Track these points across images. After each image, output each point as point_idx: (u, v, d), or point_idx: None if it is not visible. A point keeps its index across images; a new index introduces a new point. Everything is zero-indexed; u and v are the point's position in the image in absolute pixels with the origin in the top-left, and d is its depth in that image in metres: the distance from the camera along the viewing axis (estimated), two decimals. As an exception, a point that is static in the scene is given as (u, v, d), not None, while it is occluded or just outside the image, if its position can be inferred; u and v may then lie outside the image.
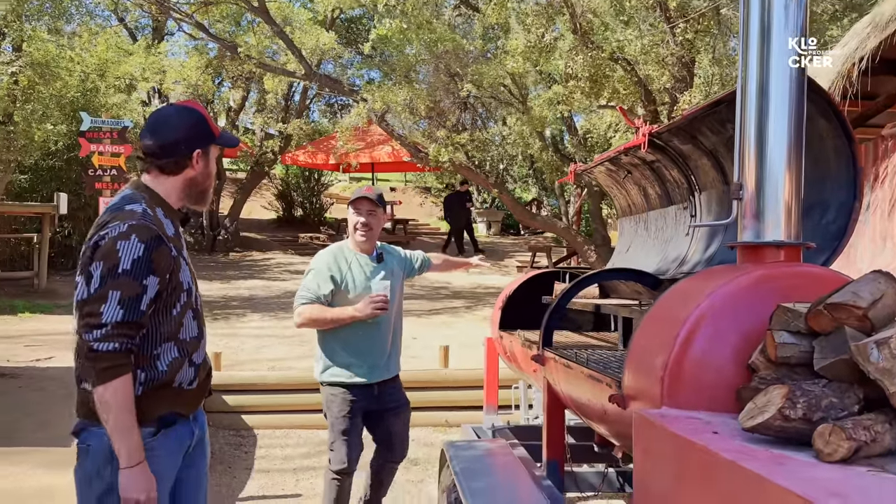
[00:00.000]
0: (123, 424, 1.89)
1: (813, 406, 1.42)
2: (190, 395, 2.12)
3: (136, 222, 1.94)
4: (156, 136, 2.08)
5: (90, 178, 10.91)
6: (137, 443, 1.92)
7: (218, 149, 2.20)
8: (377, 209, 3.48)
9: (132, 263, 1.90)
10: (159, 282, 1.96)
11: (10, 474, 4.53)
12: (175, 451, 2.09)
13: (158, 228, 1.98)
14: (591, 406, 2.52)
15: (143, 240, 1.92)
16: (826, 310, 1.50)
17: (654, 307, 2.06)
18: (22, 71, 8.99)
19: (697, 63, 9.68)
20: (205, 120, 2.12)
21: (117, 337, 1.89)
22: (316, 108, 23.98)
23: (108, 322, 1.87)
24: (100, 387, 1.88)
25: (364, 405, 3.41)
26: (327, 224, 20.62)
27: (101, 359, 1.87)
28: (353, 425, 3.39)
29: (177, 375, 2.06)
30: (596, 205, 13.24)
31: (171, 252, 2.00)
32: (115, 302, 1.88)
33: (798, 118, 1.95)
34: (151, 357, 2.01)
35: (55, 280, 12.48)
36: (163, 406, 2.04)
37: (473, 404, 5.79)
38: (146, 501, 1.93)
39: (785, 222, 1.95)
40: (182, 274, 2.05)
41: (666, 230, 3.66)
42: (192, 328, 2.11)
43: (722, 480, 1.36)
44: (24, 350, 7.99)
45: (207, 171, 2.14)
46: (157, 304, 1.99)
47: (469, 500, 2.27)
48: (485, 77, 10.75)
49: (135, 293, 1.90)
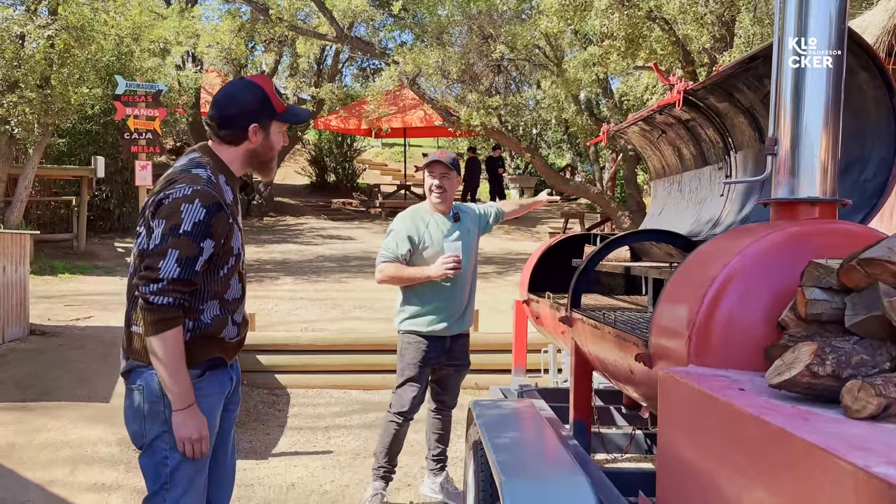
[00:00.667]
0: (175, 371, 2.03)
1: (843, 363, 1.39)
2: (231, 347, 2.26)
3: (200, 188, 2.04)
4: (218, 107, 2.18)
5: (126, 142, 11.05)
6: (188, 387, 2.06)
7: (281, 124, 2.24)
8: (450, 172, 3.66)
9: (193, 226, 2.01)
10: (214, 245, 2.07)
11: (53, 427, 4.69)
12: (219, 393, 2.23)
13: (219, 195, 2.09)
14: (618, 366, 2.50)
15: (205, 205, 2.02)
16: (859, 265, 1.45)
17: (683, 265, 2.02)
18: (58, 34, 9.07)
19: (738, 22, 9.37)
20: (266, 96, 2.17)
21: (171, 292, 2.00)
22: (348, 73, 23.87)
23: (165, 278, 1.99)
24: (153, 337, 2.01)
25: (435, 356, 3.64)
26: (360, 190, 20.69)
27: (156, 311, 2.00)
28: (422, 373, 3.63)
29: (222, 331, 2.19)
30: (630, 170, 13.02)
31: (228, 219, 2.11)
32: (172, 260, 1.99)
33: (836, 71, 1.88)
34: (197, 311, 2.13)
35: (93, 242, 12.76)
36: (209, 352, 2.16)
37: (503, 367, 5.82)
38: (198, 439, 2.08)
39: (820, 178, 1.89)
40: (234, 240, 2.17)
41: (700, 191, 3.59)
42: (236, 289, 2.24)
43: (745, 436, 1.34)
44: (63, 310, 8.21)
45: (268, 143, 2.21)
46: (209, 265, 2.10)
47: (493, 454, 2.29)
48: (518, 38, 10.55)
49: (192, 254, 2.01)
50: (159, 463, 2.11)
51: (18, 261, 6.77)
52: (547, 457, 2.42)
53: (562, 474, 2.17)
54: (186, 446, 2.08)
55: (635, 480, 2.68)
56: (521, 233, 16.33)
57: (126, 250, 12.75)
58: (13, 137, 9.56)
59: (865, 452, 1.07)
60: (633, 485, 2.57)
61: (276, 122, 2.20)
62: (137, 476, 4.01)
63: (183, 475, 2.11)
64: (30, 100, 9.06)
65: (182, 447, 2.08)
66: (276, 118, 2.20)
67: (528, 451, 2.52)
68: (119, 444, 4.47)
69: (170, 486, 2.11)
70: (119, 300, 8.89)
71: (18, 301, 6.77)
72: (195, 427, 2.08)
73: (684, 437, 1.64)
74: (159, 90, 11.20)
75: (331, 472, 4.24)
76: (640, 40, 8.89)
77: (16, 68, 9.00)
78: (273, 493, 3.89)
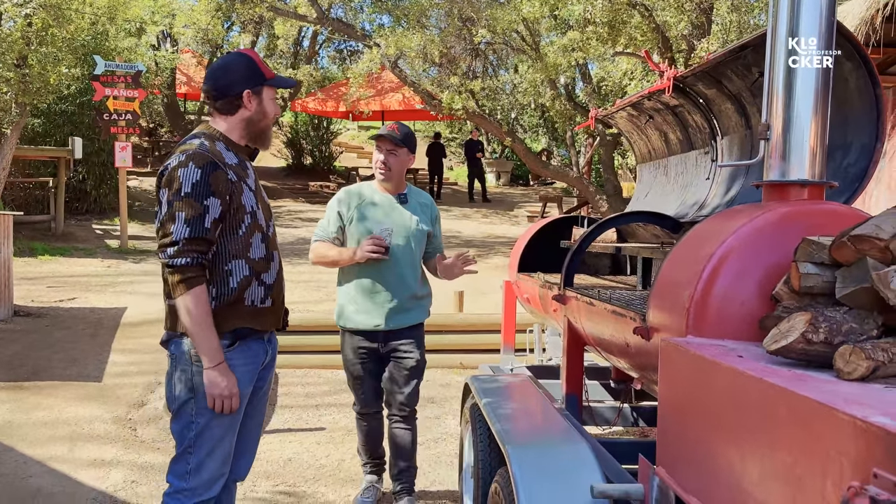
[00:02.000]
0: (202, 329, 2.12)
1: (834, 330, 1.52)
2: (265, 313, 2.31)
3: (191, 152, 2.15)
4: (211, 79, 2.28)
5: (105, 123, 10.97)
6: (216, 345, 2.15)
7: (273, 90, 2.33)
8: (398, 149, 3.27)
9: (192, 186, 2.11)
10: (221, 203, 2.16)
11: (48, 406, 4.73)
12: (250, 364, 2.28)
13: (215, 156, 2.17)
14: (614, 341, 2.63)
15: (199, 165, 2.12)
16: (849, 241, 1.59)
17: (680, 243, 2.15)
18: (35, 13, 8.94)
19: (716, 10, 9.55)
20: (254, 63, 2.29)
21: (188, 252, 2.11)
22: (325, 55, 23.72)
23: (179, 239, 2.10)
24: (178, 298, 2.12)
25: (370, 352, 3.32)
26: (337, 172, 20.65)
27: (177, 271, 2.11)
28: (365, 370, 3.35)
29: (245, 293, 2.24)
30: (608, 155, 13.21)
31: (227, 176, 2.18)
32: (181, 222, 2.10)
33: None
34: (223, 273, 2.21)
35: (70, 224, 12.63)
36: (237, 321, 2.23)
37: (487, 347, 5.96)
38: (229, 396, 2.17)
39: (810, 162, 2.02)
40: (244, 197, 2.24)
41: (686, 175, 3.73)
42: (259, 249, 2.29)
43: (746, 396, 1.47)
44: (46, 291, 8.17)
45: (262, 109, 2.30)
46: (224, 224, 2.19)
47: (497, 424, 2.41)
48: (499, 22, 10.63)
49: (197, 212, 2.11)
50: (185, 427, 2.21)
51: (1, 242, 6.74)
52: (549, 425, 2.55)
53: (564, 440, 2.30)
54: (217, 403, 2.16)
55: (627, 450, 2.82)
56: (500, 216, 16.47)
57: (104, 232, 12.64)
58: (-10, 117, 9.44)
59: (861, 406, 1.20)
60: (624, 454, 2.71)
61: (266, 87, 2.30)
62: (136, 452, 4.10)
63: (208, 438, 2.20)
64: (7, 79, 8.94)
65: (212, 403, 2.16)
66: (267, 83, 2.29)
67: (529, 421, 2.65)
68: (115, 422, 4.53)
69: (193, 449, 2.20)
70: (101, 282, 8.89)
71: (3, 282, 6.74)
72: (226, 384, 2.15)
73: (686, 400, 1.77)
74: (139, 71, 11.11)
75: (325, 448, 4.34)
76: (620, 26, 9.03)
77: (-8, 47, 8.87)
78: (272, 467, 3.99)
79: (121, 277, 9.26)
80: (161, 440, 4.28)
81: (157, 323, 6.81)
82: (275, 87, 2.34)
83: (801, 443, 1.28)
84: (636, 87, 10.69)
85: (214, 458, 2.23)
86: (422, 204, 3.41)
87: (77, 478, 3.71)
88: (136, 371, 5.59)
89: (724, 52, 2.80)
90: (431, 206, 3.47)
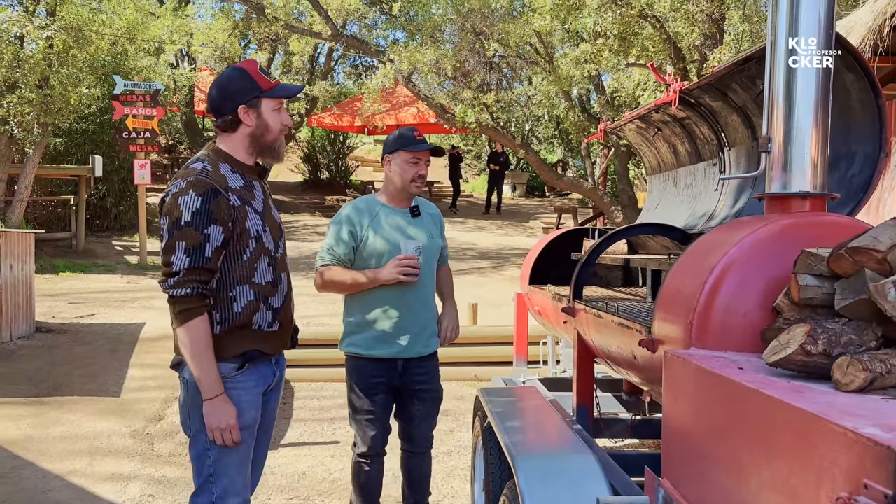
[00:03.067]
0: (201, 361, 2.08)
1: (833, 342, 1.53)
2: (272, 337, 2.26)
3: (192, 178, 2.10)
4: (210, 98, 2.23)
5: (125, 141, 11.16)
6: (215, 377, 2.10)
7: (275, 101, 2.21)
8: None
9: (192, 215, 2.06)
10: (223, 230, 2.11)
11: (67, 421, 4.81)
12: (257, 387, 2.24)
13: (217, 181, 2.11)
14: (622, 353, 2.64)
15: (199, 193, 2.07)
16: (847, 253, 1.60)
17: (684, 255, 2.16)
18: (57, 35, 9.14)
19: (727, 20, 9.55)
20: (248, 75, 2.18)
21: (188, 283, 2.07)
22: (340, 70, 23.95)
23: (179, 270, 2.07)
24: (178, 328, 2.09)
25: (386, 382, 2.97)
26: (353, 186, 20.78)
27: (177, 303, 2.08)
28: (376, 404, 2.96)
29: (253, 318, 2.19)
30: (622, 165, 13.20)
31: (229, 201, 2.12)
32: (182, 252, 2.06)
33: (825, 73, 2.02)
34: (227, 299, 2.16)
35: (91, 241, 12.82)
36: (244, 344, 2.18)
37: (501, 360, 5.97)
38: (226, 429, 2.11)
39: (811, 174, 2.03)
40: (249, 221, 2.17)
41: (695, 186, 3.74)
42: (266, 273, 2.23)
43: (745, 407, 1.48)
44: (67, 307, 8.30)
45: (262, 123, 2.20)
46: (227, 250, 2.14)
47: (505, 436, 2.42)
48: (511, 36, 10.70)
49: (198, 242, 2.07)
50: (202, 454, 2.17)
51: (24, 259, 6.87)
52: (556, 437, 2.56)
53: (571, 452, 2.31)
54: (216, 435, 2.11)
55: (637, 462, 2.82)
56: (515, 228, 16.48)
57: (124, 248, 12.82)
58: (13, 137, 9.63)
59: (855, 418, 1.21)
60: (635, 466, 2.71)
61: (264, 99, 2.19)
62: (153, 467, 4.15)
63: (227, 465, 2.16)
64: (29, 100, 9.13)
65: (212, 436, 2.12)
66: (263, 95, 2.18)
67: (537, 433, 2.66)
68: (133, 437, 4.59)
69: (214, 478, 2.16)
70: (120, 297, 9.01)
71: (25, 299, 6.86)
72: (223, 416, 2.10)
73: (688, 412, 1.78)
74: (157, 89, 11.30)
75: (339, 461, 4.37)
76: (632, 38, 9.05)
77: (16, 69, 9.07)
78: (286, 481, 4.02)
79: (140, 293, 9.39)
80: (178, 454, 4.34)
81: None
82: (275, 98, 2.21)
83: (797, 454, 1.29)
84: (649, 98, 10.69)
85: (236, 485, 2.19)
86: (432, 215, 3.13)
87: (95, 492, 3.77)
88: (153, 386, 5.67)
89: (729, 64, 2.82)
90: (439, 216, 3.22)
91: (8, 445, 4.34)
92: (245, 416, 2.18)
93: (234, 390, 2.16)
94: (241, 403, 2.17)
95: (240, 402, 2.17)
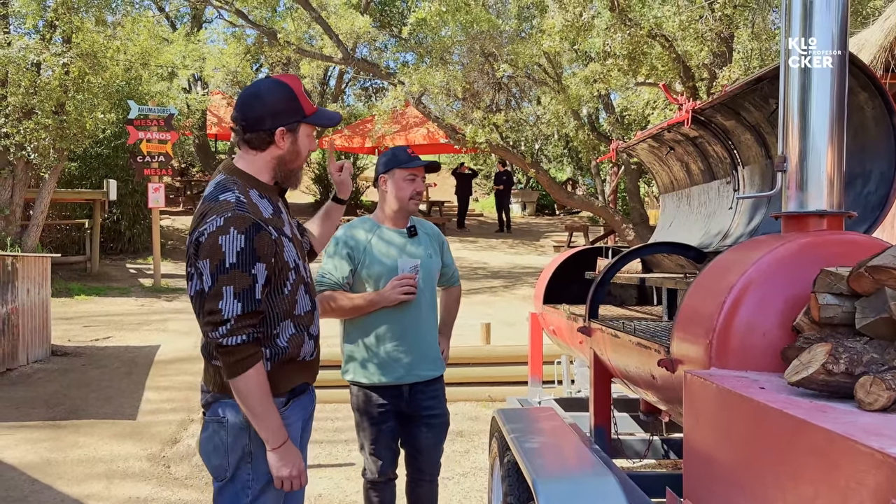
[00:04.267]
0: (264, 410, 1.93)
1: (855, 361, 1.53)
2: (314, 365, 2.17)
3: (231, 214, 1.90)
4: (242, 108, 2.01)
5: (139, 165, 11.29)
6: (279, 424, 1.96)
7: (310, 128, 2.06)
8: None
9: (237, 256, 1.88)
10: (266, 267, 1.94)
11: (84, 444, 4.83)
12: (299, 420, 2.13)
13: (255, 214, 1.94)
14: (640, 373, 2.64)
15: (241, 231, 1.89)
16: (867, 272, 1.60)
17: (701, 274, 2.17)
18: (73, 62, 9.29)
19: (736, 38, 9.59)
20: (294, 96, 2.01)
21: (242, 329, 1.89)
22: (351, 92, 24.18)
23: (230, 317, 1.88)
24: (236, 379, 1.91)
25: (392, 410, 2.91)
26: (364, 207, 20.86)
27: (232, 353, 1.89)
28: (382, 431, 2.91)
29: (300, 350, 2.07)
30: (633, 183, 13.21)
31: (271, 236, 1.96)
32: (230, 297, 1.88)
33: (840, 92, 2.03)
34: (272, 336, 2.02)
35: (105, 264, 12.92)
36: (294, 378, 2.08)
37: (515, 380, 5.95)
38: (298, 475, 1.99)
39: (827, 192, 2.03)
40: (286, 252, 2.03)
41: (709, 205, 3.74)
42: (305, 303, 2.10)
43: (768, 428, 1.48)
44: (82, 330, 8.35)
45: (295, 149, 2.04)
46: (269, 287, 1.98)
47: (524, 458, 2.42)
48: (520, 56, 10.78)
49: (247, 284, 1.90)
50: (240, 492, 2.01)
51: (40, 283, 6.93)
52: (575, 459, 2.55)
53: (591, 474, 2.30)
54: (286, 484, 1.98)
55: (657, 483, 2.81)
56: (526, 247, 16.49)
57: (138, 271, 12.91)
58: (29, 163, 9.76)
59: (880, 437, 1.21)
60: (654, 487, 2.70)
61: (304, 125, 2.03)
62: (170, 490, 4.15)
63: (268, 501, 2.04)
64: (46, 126, 9.27)
65: (280, 485, 1.98)
66: (305, 121, 2.03)
67: (556, 455, 2.66)
68: (149, 460, 4.60)
69: None
70: (135, 320, 9.06)
71: (41, 323, 6.92)
72: (293, 463, 1.98)
73: (710, 433, 1.78)
74: (171, 114, 11.44)
75: (355, 483, 4.36)
76: (641, 57, 9.10)
77: (32, 95, 9.21)
78: None
79: (154, 315, 9.44)
80: (194, 477, 4.34)
81: (189, 361, 6.93)
82: (314, 125, 2.06)
83: (822, 474, 1.29)
84: (659, 117, 10.73)
85: None
86: (429, 234, 3.07)
87: (113, 515, 3.78)
88: (169, 408, 5.69)
89: (742, 84, 2.84)
90: (438, 235, 3.15)
91: (26, 469, 4.36)
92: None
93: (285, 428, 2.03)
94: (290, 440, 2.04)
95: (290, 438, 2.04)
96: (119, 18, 11.51)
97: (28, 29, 10.02)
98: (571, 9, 8.73)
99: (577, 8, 8.69)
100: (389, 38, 16.08)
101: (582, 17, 8.76)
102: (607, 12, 9.11)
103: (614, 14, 8.94)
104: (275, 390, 1.98)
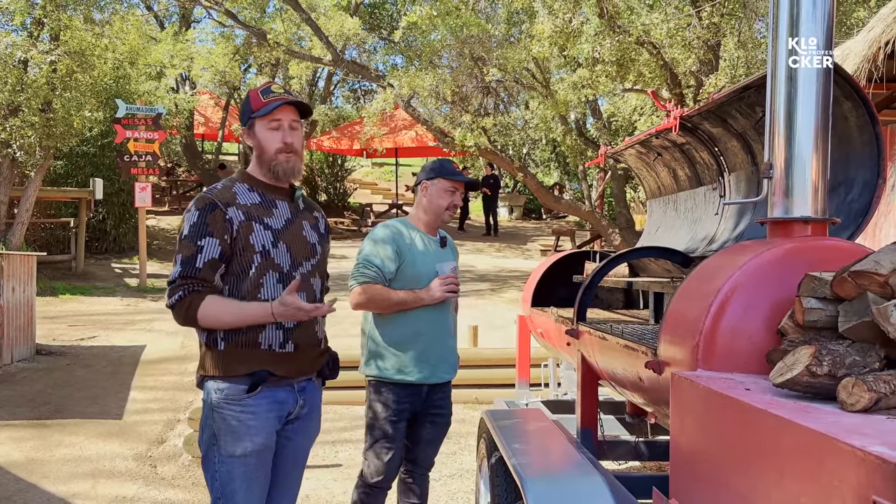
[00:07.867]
0: (236, 317, 2.11)
1: (837, 363, 1.58)
2: (287, 359, 2.18)
3: (198, 196, 2.22)
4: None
5: (126, 164, 11.23)
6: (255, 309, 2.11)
7: (268, 120, 2.21)
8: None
9: (189, 228, 2.15)
10: (219, 243, 2.12)
11: (70, 443, 4.80)
12: (270, 412, 2.16)
13: (219, 197, 2.17)
14: (627, 375, 2.68)
15: (198, 207, 2.16)
16: (850, 277, 1.65)
17: (688, 279, 2.21)
18: (60, 59, 9.24)
19: (723, 46, 9.70)
20: (248, 98, 2.28)
21: (180, 287, 2.12)
22: (340, 95, 24.17)
23: (173, 279, 2.14)
24: (197, 322, 2.11)
25: (410, 408, 2.96)
26: (351, 209, 20.87)
27: (176, 309, 2.13)
28: (398, 430, 2.93)
29: (259, 336, 2.14)
30: (620, 188, 13.30)
31: (225, 215, 2.14)
32: (178, 263, 2.14)
33: (825, 102, 2.08)
34: None
35: (90, 263, 12.83)
36: (253, 363, 2.14)
37: (502, 382, 5.98)
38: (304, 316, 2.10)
39: (812, 199, 2.08)
40: (254, 237, 2.15)
41: (695, 210, 3.80)
42: (274, 290, 2.17)
43: (753, 427, 1.52)
44: (67, 330, 8.30)
45: (258, 143, 2.24)
46: (231, 266, 2.16)
47: (512, 458, 2.45)
48: (509, 61, 10.84)
49: (190, 252, 2.12)
50: (213, 474, 2.14)
51: (25, 282, 6.88)
52: (563, 459, 2.58)
53: (579, 473, 2.34)
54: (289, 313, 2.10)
55: (643, 483, 2.85)
56: (512, 250, 16.54)
57: (123, 270, 12.82)
58: (15, 161, 9.69)
59: (862, 436, 1.25)
60: (641, 487, 2.74)
61: (258, 120, 2.22)
62: (156, 489, 4.15)
63: (232, 491, 2.13)
64: (32, 123, 9.21)
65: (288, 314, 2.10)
66: (254, 116, 2.22)
67: (545, 455, 2.69)
68: (135, 459, 4.59)
69: (222, 501, 2.14)
70: (120, 320, 9.01)
71: (26, 321, 6.87)
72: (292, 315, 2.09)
73: (696, 433, 1.82)
74: (159, 113, 11.39)
75: (342, 484, 4.37)
76: (629, 64, 9.19)
77: (19, 93, 9.15)
78: (290, 504, 4.02)
79: (139, 315, 9.39)
80: (181, 477, 4.33)
81: (175, 360, 6.91)
82: (262, 117, 2.20)
83: (806, 472, 1.33)
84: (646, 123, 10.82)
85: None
86: (451, 249, 3.19)
87: (99, 515, 3.77)
88: (155, 408, 5.67)
89: (729, 92, 2.89)
90: (455, 249, 3.26)
91: (11, 468, 4.34)
92: (253, 441, 2.12)
93: (242, 413, 2.11)
94: (248, 428, 2.11)
95: (247, 426, 2.11)
96: (107, 17, 11.45)
97: (16, 26, 9.97)
98: (561, 15, 8.80)
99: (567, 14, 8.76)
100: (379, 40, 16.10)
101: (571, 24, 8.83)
102: (596, 19, 9.18)
103: (603, 21, 9.02)
104: (231, 370, 2.13)
